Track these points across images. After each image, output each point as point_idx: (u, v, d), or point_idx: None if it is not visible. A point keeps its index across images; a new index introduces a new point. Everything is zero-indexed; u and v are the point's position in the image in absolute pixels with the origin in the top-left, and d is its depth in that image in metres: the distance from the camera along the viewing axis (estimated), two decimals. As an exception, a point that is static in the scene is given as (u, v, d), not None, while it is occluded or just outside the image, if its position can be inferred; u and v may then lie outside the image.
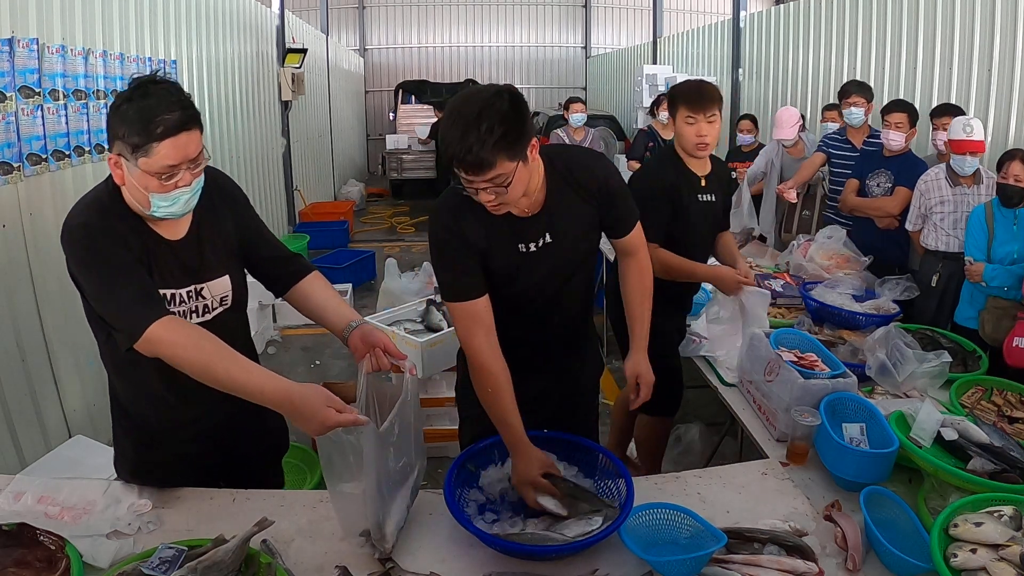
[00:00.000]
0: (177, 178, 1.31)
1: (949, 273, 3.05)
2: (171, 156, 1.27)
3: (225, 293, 1.51)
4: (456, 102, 1.36)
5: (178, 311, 1.43)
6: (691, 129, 2.22)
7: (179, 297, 1.44)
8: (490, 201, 1.39)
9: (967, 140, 2.92)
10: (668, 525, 1.38)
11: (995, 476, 1.45)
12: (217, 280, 1.49)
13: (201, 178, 1.37)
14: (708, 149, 2.27)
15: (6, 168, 2.64)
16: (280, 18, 7.19)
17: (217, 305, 1.50)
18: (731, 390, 2.17)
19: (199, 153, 1.33)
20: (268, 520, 1.32)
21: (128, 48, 3.70)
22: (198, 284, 1.46)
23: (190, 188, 1.34)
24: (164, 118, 1.25)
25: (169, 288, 1.42)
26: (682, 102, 2.23)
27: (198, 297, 1.46)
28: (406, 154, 10.70)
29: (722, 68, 7.52)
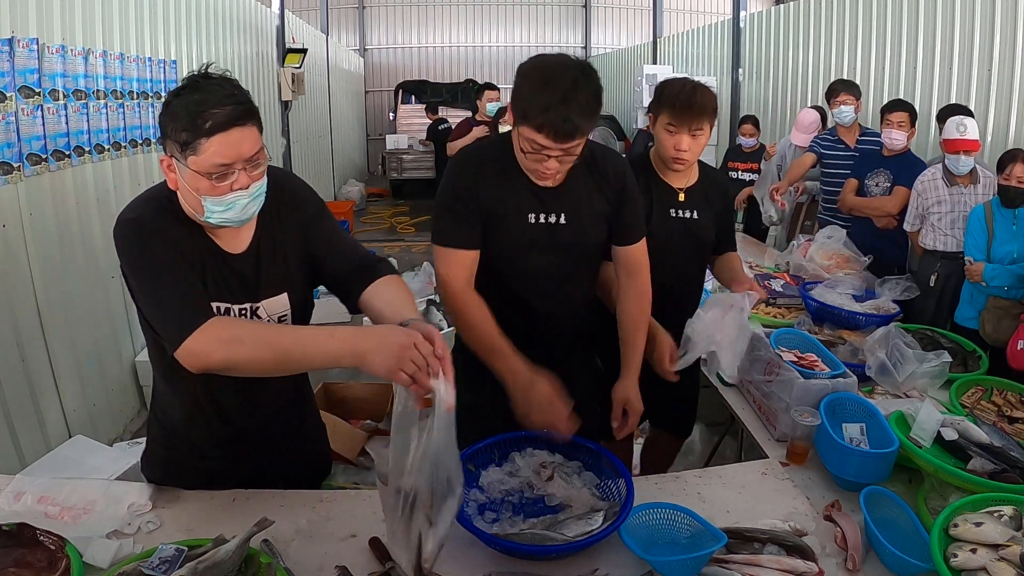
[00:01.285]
0: (231, 179, 1.19)
1: (947, 273, 3.06)
2: (222, 154, 1.16)
3: (283, 312, 1.40)
4: (541, 69, 1.39)
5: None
6: (670, 139, 1.91)
7: (232, 313, 1.34)
8: (552, 170, 1.45)
9: (960, 139, 2.93)
10: (668, 525, 1.38)
11: (995, 476, 1.44)
12: (275, 298, 1.38)
13: (262, 182, 1.24)
14: (686, 165, 1.98)
15: (6, 168, 2.64)
16: (280, 18, 7.20)
17: (276, 322, 1.40)
18: (731, 390, 2.17)
19: (256, 152, 1.21)
20: (268, 520, 1.32)
21: (128, 48, 3.70)
22: (254, 302, 1.36)
23: (248, 192, 1.22)
24: (213, 112, 1.15)
25: (224, 302, 1.33)
26: (666, 107, 1.90)
27: (252, 316, 1.36)
28: (406, 154, 10.71)
29: (722, 68, 7.52)
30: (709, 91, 1.92)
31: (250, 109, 1.20)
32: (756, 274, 3.22)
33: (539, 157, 1.43)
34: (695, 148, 1.93)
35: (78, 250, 3.16)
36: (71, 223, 3.10)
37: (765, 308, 2.86)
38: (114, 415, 3.39)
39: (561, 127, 1.36)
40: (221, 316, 1.25)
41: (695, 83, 1.92)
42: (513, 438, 1.59)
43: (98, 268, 3.31)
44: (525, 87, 1.40)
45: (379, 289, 1.37)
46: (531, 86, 1.38)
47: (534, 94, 1.37)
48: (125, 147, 3.61)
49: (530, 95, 1.38)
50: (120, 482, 1.55)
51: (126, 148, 3.62)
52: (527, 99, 1.38)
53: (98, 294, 3.29)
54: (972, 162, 2.97)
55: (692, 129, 1.88)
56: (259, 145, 1.22)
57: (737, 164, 5.20)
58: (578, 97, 1.36)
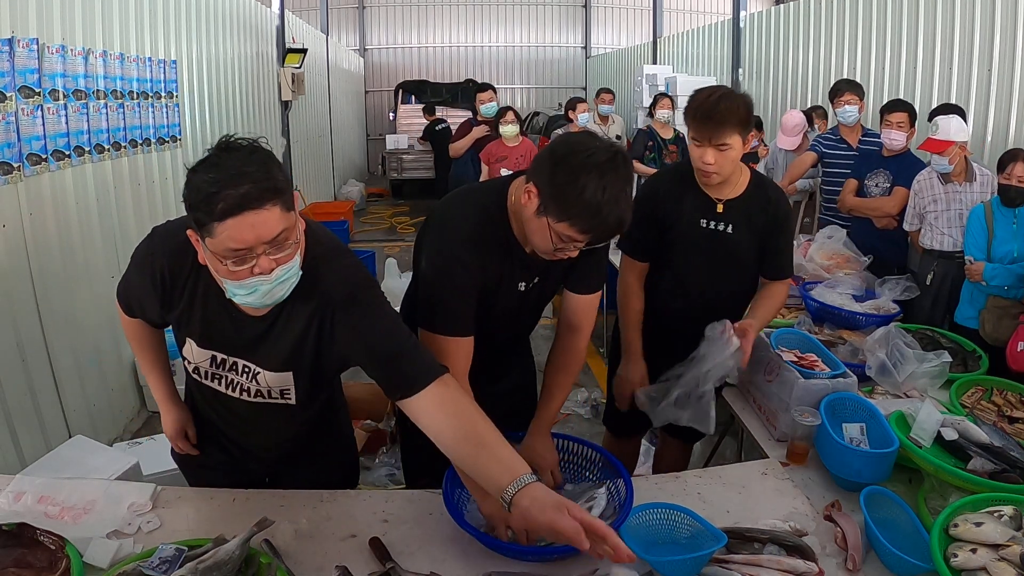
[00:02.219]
0: (251, 264, 1.09)
1: (944, 272, 3.06)
2: (236, 239, 1.06)
3: (285, 387, 1.35)
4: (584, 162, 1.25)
5: (227, 377, 1.35)
6: (696, 152, 1.84)
7: (231, 364, 1.33)
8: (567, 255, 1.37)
9: (929, 139, 2.96)
10: (668, 525, 1.38)
11: (995, 476, 1.44)
12: (277, 374, 1.33)
13: (289, 265, 1.14)
14: (716, 179, 1.87)
15: (6, 168, 2.63)
16: (280, 18, 7.19)
17: (277, 396, 1.37)
18: (731, 390, 2.17)
19: (279, 234, 1.09)
20: (268, 520, 1.32)
21: (128, 48, 3.70)
22: (256, 367, 1.32)
23: (270, 278, 1.11)
24: (228, 193, 1.04)
25: (223, 353, 1.32)
26: (689, 119, 1.83)
27: (254, 379, 1.34)
28: (406, 154, 10.71)
29: (722, 68, 7.52)
30: (737, 100, 1.79)
31: (271, 187, 1.07)
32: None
33: (567, 249, 1.34)
34: (723, 162, 1.81)
35: (78, 250, 3.16)
36: (71, 223, 3.11)
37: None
38: (114, 415, 3.39)
39: (613, 229, 1.30)
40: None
41: (721, 93, 1.79)
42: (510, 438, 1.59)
43: (98, 268, 3.31)
44: (571, 189, 1.24)
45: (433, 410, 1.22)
46: (577, 185, 1.24)
47: (583, 195, 1.24)
48: (125, 147, 3.61)
49: (578, 196, 1.24)
50: (120, 482, 1.56)
51: (126, 148, 3.62)
52: (572, 200, 1.25)
53: (98, 294, 3.29)
54: (946, 162, 2.98)
55: (715, 142, 1.78)
56: (282, 226, 1.09)
57: (738, 164, 5.21)
58: (628, 192, 1.28)
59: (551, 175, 1.28)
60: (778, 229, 1.98)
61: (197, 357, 1.35)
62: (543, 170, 1.30)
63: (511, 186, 1.47)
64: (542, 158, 1.33)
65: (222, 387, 1.38)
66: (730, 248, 1.97)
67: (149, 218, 3.79)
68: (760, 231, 1.96)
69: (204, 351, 1.33)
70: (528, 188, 1.33)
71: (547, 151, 1.34)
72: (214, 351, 1.33)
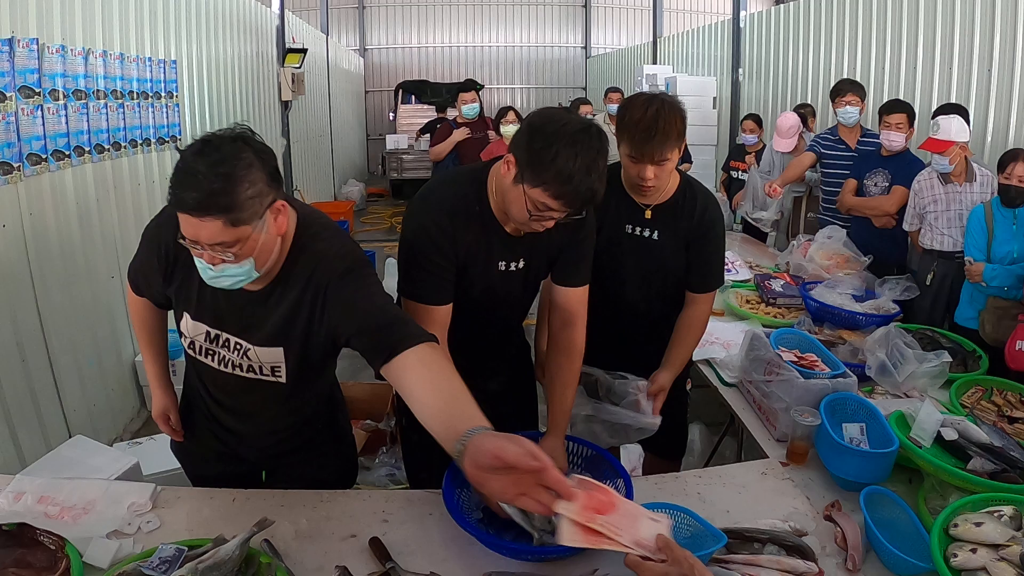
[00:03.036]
0: (201, 252, 1.19)
1: (943, 272, 3.06)
2: (187, 229, 1.16)
3: (276, 364, 1.39)
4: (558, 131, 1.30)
5: (221, 353, 1.39)
6: (633, 168, 1.73)
7: (224, 340, 1.37)
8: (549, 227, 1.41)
9: (929, 139, 2.95)
10: (668, 525, 1.38)
11: (995, 476, 1.45)
12: (268, 349, 1.37)
13: (240, 267, 1.20)
14: (653, 192, 1.79)
15: (6, 168, 2.64)
16: (280, 18, 7.19)
17: (268, 372, 1.40)
18: (731, 390, 2.17)
19: (219, 244, 1.15)
20: (268, 520, 1.32)
21: (128, 48, 3.70)
22: (247, 343, 1.37)
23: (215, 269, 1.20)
24: (179, 194, 1.13)
25: (216, 329, 1.36)
26: (625, 137, 1.71)
27: (244, 356, 1.38)
28: (406, 154, 10.70)
29: (722, 68, 7.52)
30: (673, 113, 1.68)
31: (218, 203, 1.11)
32: (756, 274, 3.22)
33: (543, 217, 1.38)
34: (662, 175, 1.73)
35: (78, 250, 3.16)
36: (71, 223, 3.11)
37: (765, 308, 2.86)
38: (114, 415, 3.39)
39: (585, 198, 1.34)
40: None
41: (657, 106, 1.67)
42: None
43: (98, 268, 3.31)
44: (546, 153, 1.30)
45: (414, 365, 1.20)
46: (551, 151, 1.29)
47: (556, 161, 1.29)
48: (125, 147, 3.61)
49: (551, 161, 1.29)
50: (120, 482, 1.55)
51: (126, 148, 3.62)
52: (546, 164, 1.30)
53: (98, 294, 3.29)
54: (946, 162, 2.97)
55: (656, 160, 1.69)
56: (222, 239, 1.14)
57: (739, 164, 5.20)
58: (600, 165, 1.33)
59: (527, 143, 1.34)
60: (704, 237, 1.86)
61: (192, 331, 1.40)
62: (520, 140, 1.36)
63: (491, 168, 1.51)
64: (520, 130, 1.39)
65: (215, 363, 1.42)
66: (656, 255, 1.88)
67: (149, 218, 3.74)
68: (686, 238, 1.86)
69: (198, 324, 1.38)
70: (507, 158, 1.39)
71: (525, 123, 1.40)
72: (207, 326, 1.38)
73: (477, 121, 5.16)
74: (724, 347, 2.41)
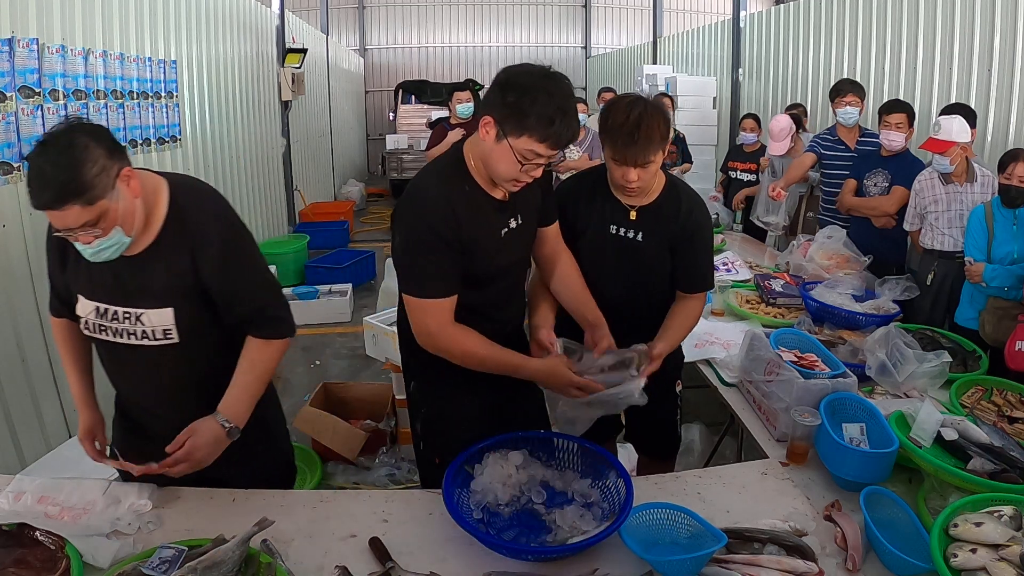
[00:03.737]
0: (74, 237, 1.30)
1: (944, 272, 3.05)
2: (55, 223, 1.28)
3: (167, 326, 1.42)
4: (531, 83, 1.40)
5: (112, 327, 1.43)
6: (617, 171, 1.73)
7: (112, 313, 1.42)
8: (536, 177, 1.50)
9: (931, 138, 2.94)
10: (668, 525, 1.38)
11: (995, 476, 1.45)
12: (157, 311, 1.41)
13: (109, 237, 1.31)
14: (638, 193, 1.79)
15: (6, 168, 2.64)
16: (280, 18, 7.19)
17: (160, 336, 1.43)
18: (731, 390, 2.17)
19: (84, 224, 1.27)
20: (268, 520, 1.32)
21: (128, 48, 3.70)
22: (136, 309, 1.41)
23: (92, 246, 1.31)
24: (34, 193, 1.24)
25: (103, 303, 1.42)
26: (608, 141, 1.72)
27: (136, 321, 1.42)
28: (406, 154, 10.71)
29: (722, 68, 7.52)
30: (656, 116, 1.67)
31: (70, 191, 1.23)
32: (756, 274, 3.22)
33: (531, 167, 1.44)
34: (647, 177, 1.73)
35: (78, 250, 3.16)
36: (71, 223, 3.10)
37: (765, 308, 2.86)
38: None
39: (568, 136, 1.42)
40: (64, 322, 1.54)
41: (641, 110, 1.66)
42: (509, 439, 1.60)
43: (98, 268, 3.31)
44: (523, 101, 1.38)
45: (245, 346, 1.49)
46: (527, 99, 1.37)
47: (535, 106, 1.37)
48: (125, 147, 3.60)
49: (530, 107, 1.37)
50: (120, 482, 1.55)
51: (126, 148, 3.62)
52: (526, 112, 1.38)
53: (98, 294, 3.29)
54: (947, 162, 2.97)
55: (639, 163, 1.69)
56: (84, 219, 1.26)
57: (737, 164, 5.20)
58: (572, 102, 1.43)
59: (502, 99, 1.40)
60: (689, 240, 1.84)
61: (84, 310, 1.45)
62: (494, 99, 1.42)
63: (463, 146, 1.56)
64: (490, 92, 1.44)
65: (111, 337, 1.45)
66: (640, 257, 1.87)
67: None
68: (671, 240, 1.84)
69: (89, 303, 1.44)
70: (484, 122, 1.43)
71: (493, 85, 1.45)
72: (97, 302, 1.43)
73: (472, 121, 5.13)
74: (724, 347, 2.41)
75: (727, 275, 3.27)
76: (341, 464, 3.10)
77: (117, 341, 1.45)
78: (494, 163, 1.46)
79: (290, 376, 4.26)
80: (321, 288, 5.40)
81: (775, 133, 4.52)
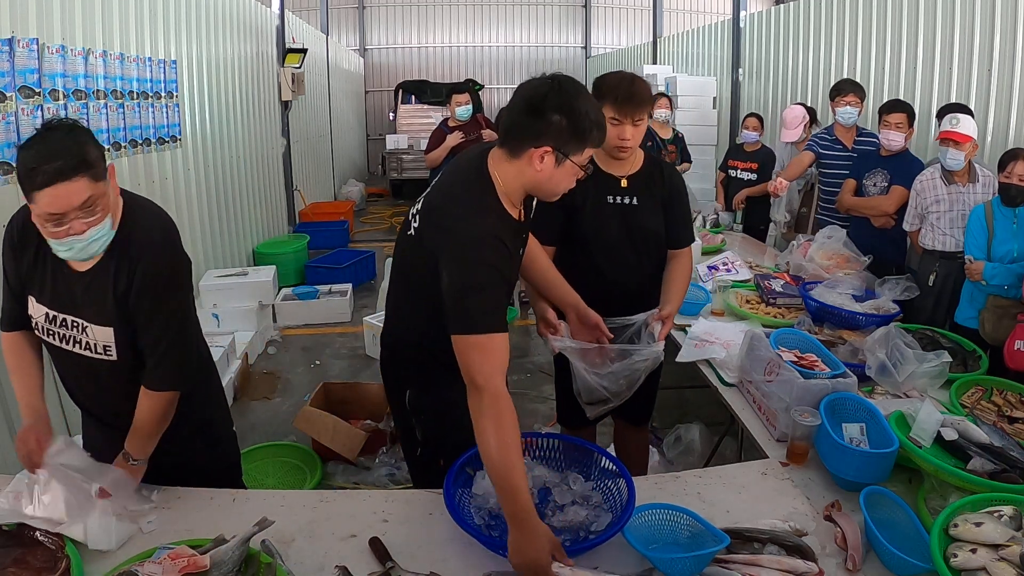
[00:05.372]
0: (67, 226, 1.30)
1: (946, 272, 3.05)
2: (52, 205, 1.27)
3: (108, 343, 1.46)
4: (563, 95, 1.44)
5: (59, 332, 1.47)
6: (614, 131, 1.96)
7: (60, 320, 1.46)
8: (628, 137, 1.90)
9: (950, 130, 2.93)
10: (669, 525, 1.39)
11: (995, 476, 1.45)
12: (100, 328, 1.45)
13: (100, 226, 1.33)
14: (629, 152, 2.05)
15: (6, 168, 2.64)
16: (280, 18, 7.19)
17: (101, 351, 1.47)
18: (731, 390, 2.17)
19: (87, 200, 1.29)
20: (268, 520, 1.32)
21: (128, 48, 3.70)
22: (83, 321, 1.45)
23: (84, 237, 1.32)
24: (43, 168, 1.24)
25: (53, 309, 1.46)
26: (609, 100, 1.95)
27: (82, 331, 1.46)
28: (406, 154, 10.71)
29: (722, 68, 7.52)
30: (645, 81, 2.03)
31: (81, 162, 1.27)
32: (756, 274, 3.22)
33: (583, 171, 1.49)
34: (637, 136, 2.01)
35: (78, 250, 3.15)
36: (71, 223, 3.10)
37: (765, 308, 2.86)
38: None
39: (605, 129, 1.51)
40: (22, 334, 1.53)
41: (632, 74, 2.01)
42: None
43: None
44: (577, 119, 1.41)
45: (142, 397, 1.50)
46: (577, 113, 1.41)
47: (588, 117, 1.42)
48: (125, 147, 3.61)
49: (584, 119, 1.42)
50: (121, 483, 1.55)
51: (126, 148, 3.62)
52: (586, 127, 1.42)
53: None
54: (962, 158, 2.96)
55: (635, 120, 1.97)
56: (89, 193, 1.29)
57: (738, 163, 5.20)
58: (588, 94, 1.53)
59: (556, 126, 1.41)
60: (677, 199, 2.14)
61: (36, 312, 1.49)
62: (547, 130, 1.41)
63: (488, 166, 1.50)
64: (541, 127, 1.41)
65: (57, 342, 1.49)
66: (639, 220, 2.10)
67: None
68: (663, 201, 2.11)
69: (40, 307, 1.47)
70: (538, 153, 1.42)
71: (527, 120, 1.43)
72: (47, 307, 1.46)
73: (470, 122, 5.12)
74: (724, 347, 2.40)
75: (727, 275, 3.27)
76: (341, 464, 3.10)
77: (62, 347, 1.49)
78: (555, 184, 1.49)
79: (290, 376, 4.26)
80: (321, 288, 5.40)
81: (788, 121, 4.53)
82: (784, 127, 4.60)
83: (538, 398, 3.92)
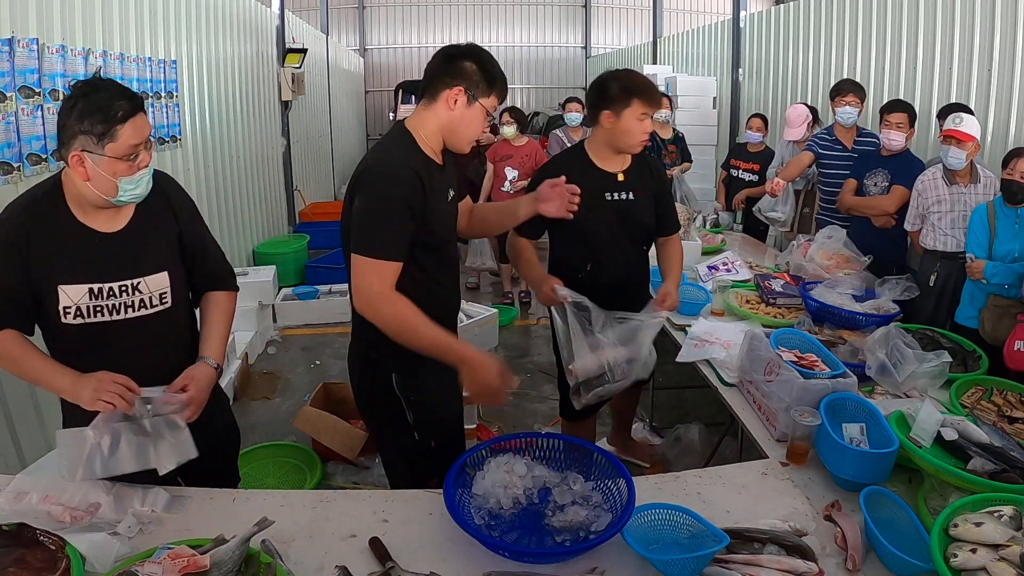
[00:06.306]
0: (139, 159, 1.41)
1: (947, 273, 3.05)
2: (134, 135, 1.38)
3: (164, 290, 1.55)
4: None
5: (108, 304, 1.48)
6: (639, 126, 2.16)
7: (108, 290, 1.47)
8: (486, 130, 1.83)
9: (953, 129, 2.93)
10: (669, 525, 1.39)
11: (995, 476, 1.45)
12: (155, 276, 1.53)
13: (152, 159, 1.47)
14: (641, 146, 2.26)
15: (6, 168, 2.64)
16: (280, 18, 7.19)
17: (157, 302, 1.54)
18: (731, 390, 2.17)
19: (148, 137, 1.44)
20: (268, 520, 1.32)
21: (128, 48, 3.70)
22: (134, 279, 1.50)
23: (147, 170, 1.45)
24: (120, 103, 1.37)
25: (97, 282, 1.46)
26: (643, 98, 2.14)
27: (134, 292, 1.50)
28: (406, 154, 10.69)
29: (722, 68, 7.52)
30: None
31: (140, 98, 1.42)
32: (756, 274, 3.22)
33: (488, 120, 1.70)
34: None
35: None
36: (71, 223, 3.10)
37: (765, 308, 2.86)
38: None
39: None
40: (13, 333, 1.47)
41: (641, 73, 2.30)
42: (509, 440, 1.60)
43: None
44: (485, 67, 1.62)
45: (213, 299, 1.69)
46: (485, 63, 1.62)
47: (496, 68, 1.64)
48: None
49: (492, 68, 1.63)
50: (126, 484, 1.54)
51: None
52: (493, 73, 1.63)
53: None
54: (964, 156, 2.96)
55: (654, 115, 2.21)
56: (149, 130, 1.44)
57: (740, 163, 5.19)
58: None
59: (468, 70, 1.61)
60: (664, 190, 2.41)
61: (75, 297, 1.45)
62: (459, 72, 1.61)
63: (408, 125, 1.66)
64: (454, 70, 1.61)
65: (106, 316, 1.48)
66: (635, 215, 2.27)
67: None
68: (653, 192, 2.31)
69: (80, 287, 1.45)
70: (452, 94, 1.60)
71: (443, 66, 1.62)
72: (90, 283, 1.46)
73: None
74: (724, 347, 2.41)
75: (727, 275, 3.27)
76: (341, 464, 3.10)
77: (113, 319, 1.49)
78: (466, 126, 1.64)
79: (290, 376, 4.26)
80: (321, 288, 5.39)
81: (792, 119, 4.53)
82: (788, 125, 4.59)
83: (538, 398, 3.92)
